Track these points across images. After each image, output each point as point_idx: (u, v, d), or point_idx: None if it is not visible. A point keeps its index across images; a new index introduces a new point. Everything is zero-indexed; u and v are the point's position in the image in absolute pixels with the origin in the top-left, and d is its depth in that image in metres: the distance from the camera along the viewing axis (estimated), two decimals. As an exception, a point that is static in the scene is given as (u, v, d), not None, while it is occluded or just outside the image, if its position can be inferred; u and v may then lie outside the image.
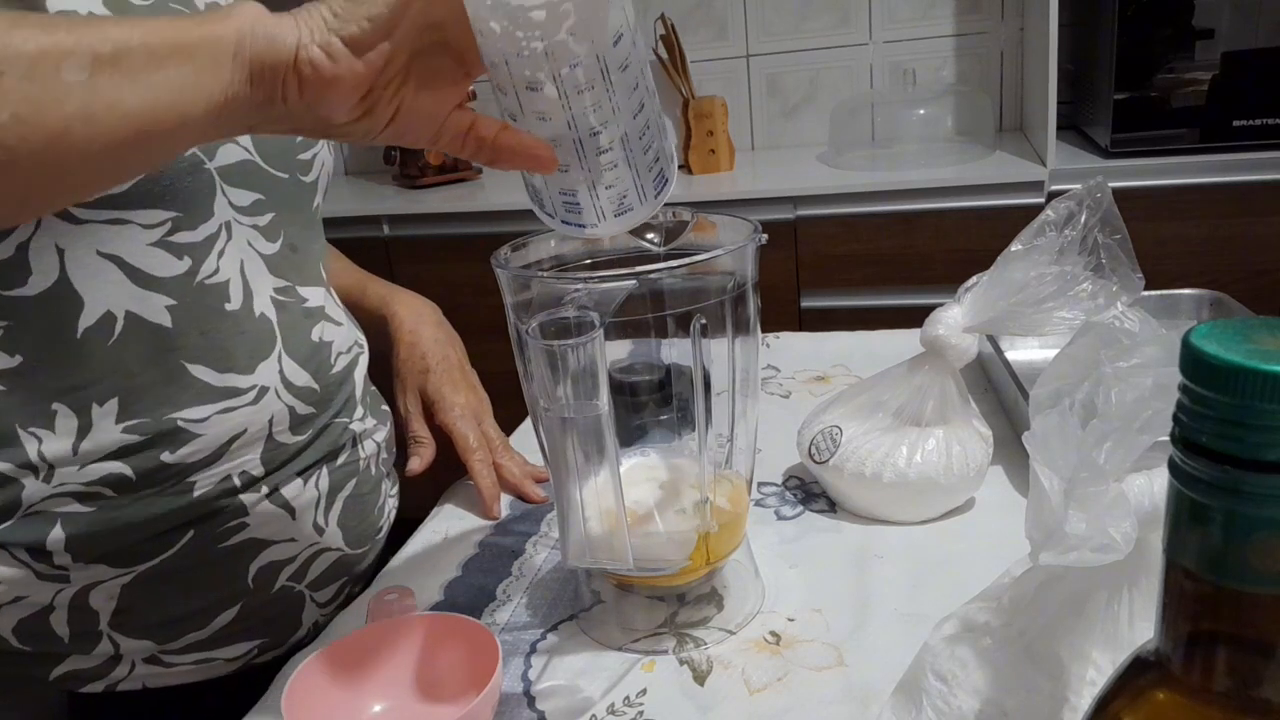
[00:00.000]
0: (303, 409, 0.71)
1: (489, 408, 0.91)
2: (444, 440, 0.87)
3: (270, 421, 0.69)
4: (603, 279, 0.52)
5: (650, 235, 0.66)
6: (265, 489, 0.70)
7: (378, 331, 0.91)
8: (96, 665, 0.68)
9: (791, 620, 0.65)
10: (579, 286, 0.52)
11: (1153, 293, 0.89)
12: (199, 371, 0.66)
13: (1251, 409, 0.24)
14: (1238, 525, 0.25)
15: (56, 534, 0.64)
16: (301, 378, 0.71)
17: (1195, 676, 0.28)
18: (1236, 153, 1.71)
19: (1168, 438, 0.26)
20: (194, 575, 0.68)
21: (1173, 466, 0.26)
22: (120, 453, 0.64)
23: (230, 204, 0.67)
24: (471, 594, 0.72)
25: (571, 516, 0.54)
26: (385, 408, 0.88)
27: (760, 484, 0.83)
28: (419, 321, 0.91)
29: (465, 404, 0.88)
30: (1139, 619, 0.44)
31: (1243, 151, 1.71)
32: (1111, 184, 0.62)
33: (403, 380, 0.89)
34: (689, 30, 2.27)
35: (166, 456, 0.65)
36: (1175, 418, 0.26)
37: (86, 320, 0.62)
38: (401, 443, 0.87)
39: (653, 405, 0.67)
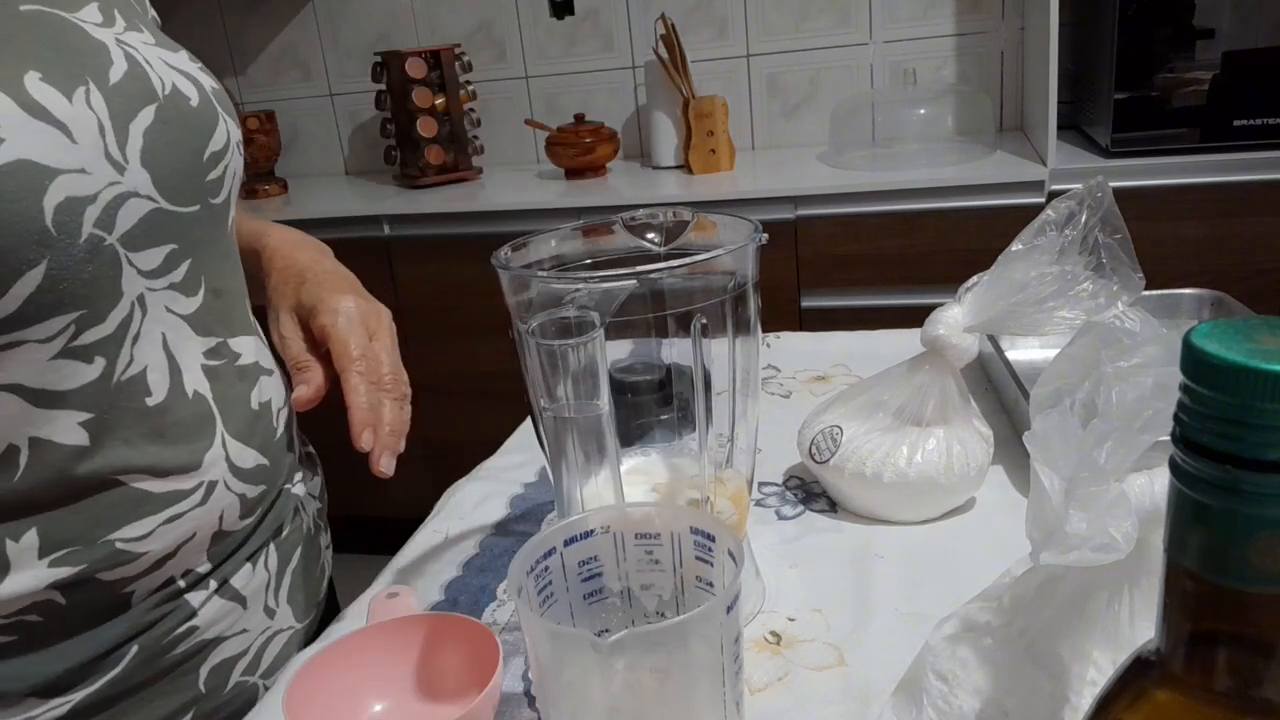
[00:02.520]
0: (253, 491, 0.64)
1: (390, 324, 0.70)
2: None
3: (221, 516, 0.61)
4: (603, 279, 0.52)
5: (650, 235, 0.66)
6: (214, 584, 0.63)
7: (252, 275, 0.73)
8: None
9: (792, 620, 0.65)
10: (579, 286, 0.51)
11: (1153, 292, 0.89)
12: (135, 482, 0.56)
13: (1253, 409, 0.24)
14: (1239, 525, 0.25)
15: None
16: (249, 458, 0.64)
17: (1196, 676, 0.28)
18: (1237, 152, 1.71)
19: (1168, 437, 0.26)
20: (139, 695, 0.60)
21: (1174, 466, 0.26)
22: (49, 586, 0.55)
23: (139, 272, 0.56)
24: (472, 594, 0.72)
25: (572, 516, 0.54)
26: (310, 449, 0.81)
27: (761, 484, 0.83)
28: (296, 247, 0.74)
29: (353, 309, 0.67)
30: (1140, 619, 0.44)
31: (1243, 151, 1.71)
32: (1112, 183, 0.62)
33: (275, 305, 0.70)
34: (689, 30, 2.27)
35: (104, 576, 0.57)
36: (1176, 417, 0.26)
37: None
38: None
39: (653, 405, 0.67)
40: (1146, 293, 0.62)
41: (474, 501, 0.85)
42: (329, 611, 0.78)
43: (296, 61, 2.58)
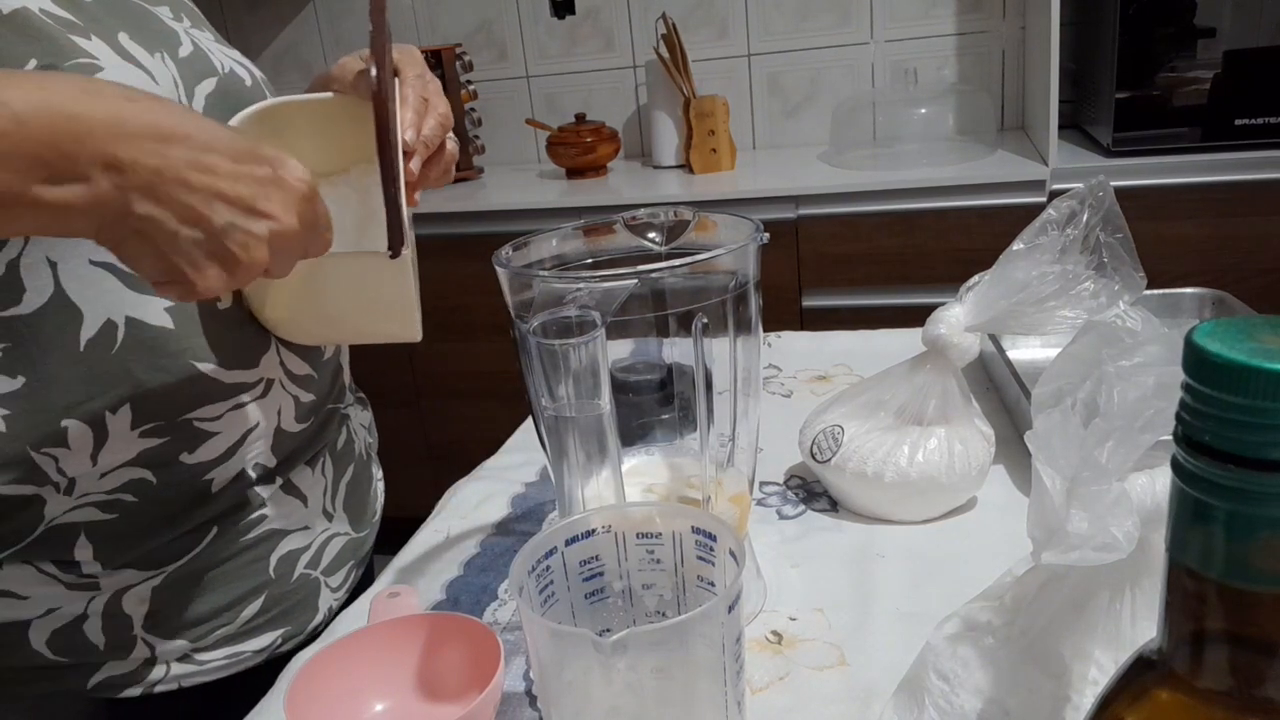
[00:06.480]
0: (305, 397, 0.73)
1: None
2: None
3: (279, 413, 0.70)
4: (604, 278, 0.52)
5: (651, 234, 0.66)
6: (279, 480, 0.72)
7: None
8: (132, 670, 0.68)
9: (793, 619, 0.65)
10: (580, 286, 0.51)
11: (1155, 292, 0.89)
12: (207, 369, 0.65)
13: (1255, 408, 0.24)
14: (1241, 524, 0.25)
15: (83, 544, 0.64)
16: (301, 367, 0.72)
17: (1198, 675, 0.28)
18: (1238, 151, 1.71)
19: (1170, 437, 0.26)
20: (220, 571, 0.70)
21: (1175, 465, 0.26)
22: (139, 459, 0.64)
23: None
24: (473, 593, 0.72)
25: (573, 515, 0.54)
26: (362, 395, 0.90)
27: (762, 483, 0.83)
28: None
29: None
30: (1141, 618, 0.44)
31: (1245, 150, 1.71)
32: (1113, 183, 0.62)
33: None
34: (690, 29, 2.27)
35: (185, 457, 0.66)
36: (1178, 416, 0.26)
37: (88, 331, 0.61)
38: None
39: (654, 405, 0.67)
40: (1148, 292, 0.62)
41: (475, 501, 0.85)
42: (382, 538, 0.86)
43: (297, 61, 2.58)
